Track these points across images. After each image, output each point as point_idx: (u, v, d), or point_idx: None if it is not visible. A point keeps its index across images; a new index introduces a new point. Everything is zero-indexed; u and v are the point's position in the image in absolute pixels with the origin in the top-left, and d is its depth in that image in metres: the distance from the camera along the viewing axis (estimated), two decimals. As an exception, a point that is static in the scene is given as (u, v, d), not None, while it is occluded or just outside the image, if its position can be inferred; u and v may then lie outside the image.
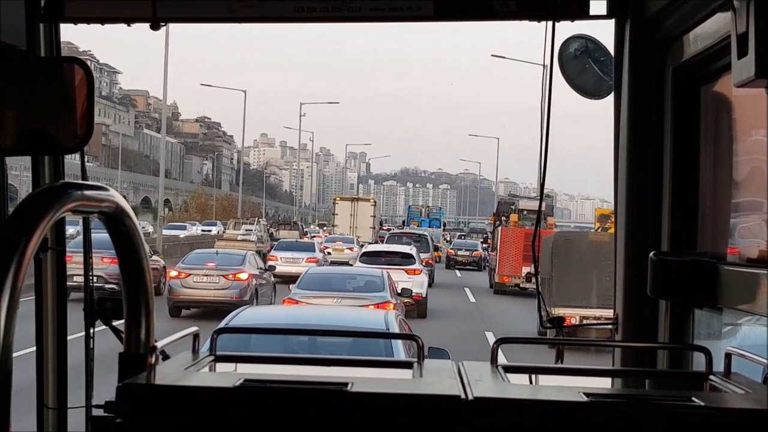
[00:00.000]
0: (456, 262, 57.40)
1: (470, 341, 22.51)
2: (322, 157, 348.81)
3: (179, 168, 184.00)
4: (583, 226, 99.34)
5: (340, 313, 13.49)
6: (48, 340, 3.54)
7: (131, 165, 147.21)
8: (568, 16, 3.43)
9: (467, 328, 26.17)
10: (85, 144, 2.89)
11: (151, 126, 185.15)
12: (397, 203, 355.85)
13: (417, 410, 2.29)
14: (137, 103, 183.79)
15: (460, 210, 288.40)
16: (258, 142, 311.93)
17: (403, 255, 32.76)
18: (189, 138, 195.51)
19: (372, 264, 29.35)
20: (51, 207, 1.92)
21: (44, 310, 3.54)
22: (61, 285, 3.54)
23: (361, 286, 22.00)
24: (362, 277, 22.88)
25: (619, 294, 3.56)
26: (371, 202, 68.48)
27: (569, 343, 3.09)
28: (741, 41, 2.42)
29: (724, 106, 3.28)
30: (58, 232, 3.52)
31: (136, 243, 2.49)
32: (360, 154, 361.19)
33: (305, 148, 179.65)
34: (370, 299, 20.35)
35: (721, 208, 3.31)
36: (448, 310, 31.08)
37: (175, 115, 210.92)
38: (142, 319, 2.56)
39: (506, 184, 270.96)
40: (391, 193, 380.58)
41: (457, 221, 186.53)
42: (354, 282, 22.50)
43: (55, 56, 3.45)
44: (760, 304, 2.74)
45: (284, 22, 3.50)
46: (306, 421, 2.29)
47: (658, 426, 2.24)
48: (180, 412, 2.31)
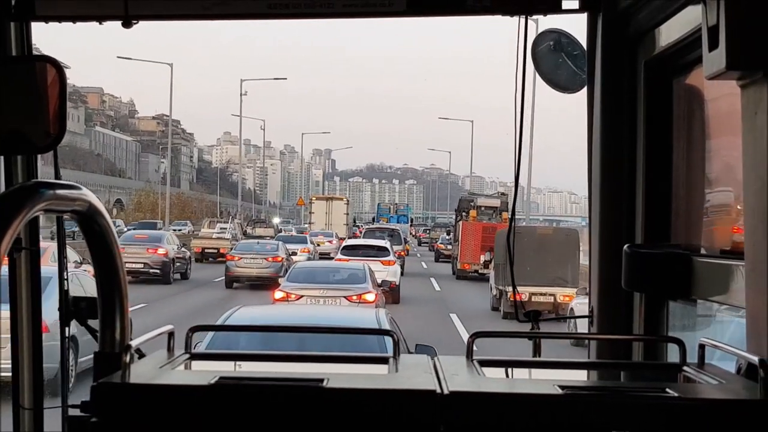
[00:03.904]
0: (445, 256, 59.05)
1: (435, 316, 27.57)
2: (287, 154, 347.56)
3: (135, 167, 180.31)
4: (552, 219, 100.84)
5: (332, 311, 14.69)
6: (23, 340, 3.52)
7: (80, 164, 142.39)
8: (540, 10, 3.44)
9: (435, 309, 30.72)
10: (58, 143, 2.88)
11: (105, 124, 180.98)
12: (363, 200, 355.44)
13: (393, 405, 2.29)
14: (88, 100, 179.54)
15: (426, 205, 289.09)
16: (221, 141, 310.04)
17: (379, 248, 37.60)
18: (146, 136, 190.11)
19: (351, 256, 34.42)
20: (23, 207, 1.92)
21: (18, 310, 3.51)
22: (35, 285, 3.52)
23: (344, 279, 24.04)
24: (345, 270, 25.23)
25: (593, 287, 3.57)
26: (344, 201, 77.53)
27: (545, 336, 3.11)
28: (712, 34, 2.44)
29: (696, 98, 3.31)
30: (31, 232, 3.49)
31: (109, 242, 2.48)
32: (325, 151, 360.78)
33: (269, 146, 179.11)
34: (353, 290, 22.52)
35: (694, 201, 3.33)
36: (418, 296, 35.39)
37: (131, 112, 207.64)
38: (117, 318, 2.55)
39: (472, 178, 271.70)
40: (357, 189, 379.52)
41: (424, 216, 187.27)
42: (338, 275, 24.66)
43: (26, 55, 3.43)
44: (733, 295, 2.77)
45: (257, 18, 3.49)
46: (282, 418, 2.28)
47: (632, 417, 2.25)
48: (155, 410, 2.29)
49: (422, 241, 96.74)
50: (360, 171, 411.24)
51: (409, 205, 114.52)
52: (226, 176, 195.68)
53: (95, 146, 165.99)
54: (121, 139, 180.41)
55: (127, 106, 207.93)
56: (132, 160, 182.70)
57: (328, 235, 63.59)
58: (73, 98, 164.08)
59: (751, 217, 2.45)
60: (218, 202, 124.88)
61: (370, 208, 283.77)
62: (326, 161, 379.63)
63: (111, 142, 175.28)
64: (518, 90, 3.59)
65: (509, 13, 3.44)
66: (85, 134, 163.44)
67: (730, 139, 2.87)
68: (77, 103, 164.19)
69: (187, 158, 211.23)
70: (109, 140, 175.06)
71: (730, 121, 2.83)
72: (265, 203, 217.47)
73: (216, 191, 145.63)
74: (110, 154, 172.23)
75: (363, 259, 31.69)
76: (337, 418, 2.28)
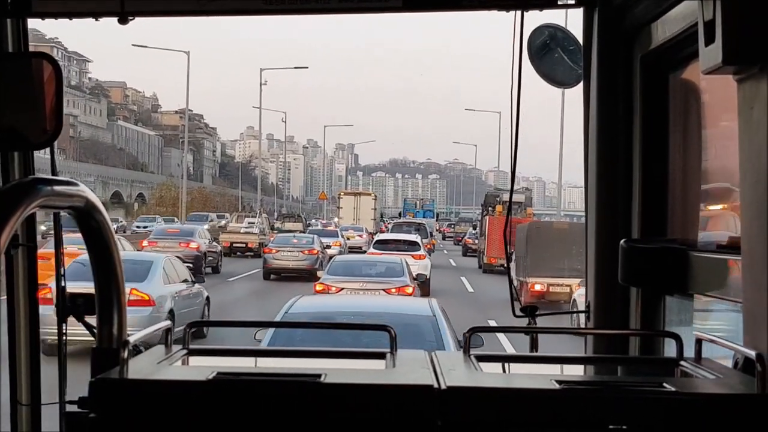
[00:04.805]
0: (472, 251, 59.23)
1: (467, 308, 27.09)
2: (310, 149, 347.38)
3: (157, 161, 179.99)
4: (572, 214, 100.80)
5: (388, 300, 15.20)
6: (21, 336, 3.52)
7: (102, 158, 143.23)
8: (536, 5, 3.43)
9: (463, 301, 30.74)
10: (54, 139, 2.88)
11: (128, 118, 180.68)
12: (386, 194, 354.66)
13: (390, 400, 2.30)
14: (111, 94, 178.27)
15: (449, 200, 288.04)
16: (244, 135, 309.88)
17: (410, 243, 38.36)
18: (169, 130, 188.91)
19: (383, 250, 35.28)
20: (20, 203, 1.93)
21: (16, 306, 3.52)
22: (32, 281, 3.52)
23: (383, 272, 24.28)
24: (383, 264, 25.51)
25: (590, 282, 3.57)
26: (372, 197, 78.60)
27: (542, 331, 3.11)
28: (708, 28, 2.44)
29: (692, 93, 3.30)
30: (29, 228, 3.50)
31: (106, 238, 2.49)
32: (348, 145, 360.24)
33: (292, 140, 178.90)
34: (392, 283, 22.70)
35: (690, 195, 3.33)
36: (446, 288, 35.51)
37: (154, 106, 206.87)
38: (114, 313, 2.57)
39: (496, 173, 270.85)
40: (380, 184, 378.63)
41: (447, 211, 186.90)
42: (375, 268, 24.90)
43: (23, 51, 3.43)
44: (729, 289, 2.77)
45: (253, 14, 3.50)
46: (280, 413, 2.29)
47: (629, 412, 2.25)
48: (153, 405, 2.31)
49: (446, 236, 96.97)
50: (383, 166, 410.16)
51: (434, 200, 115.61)
52: (248, 171, 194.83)
53: (117, 140, 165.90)
54: (143, 133, 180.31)
55: (150, 101, 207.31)
56: (155, 154, 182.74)
57: (357, 229, 64.57)
58: (96, 92, 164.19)
59: (748, 211, 2.45)
60: (240, 197, 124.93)
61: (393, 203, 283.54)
62: (349, 156, 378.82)
63: (133, 136, 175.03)
64: (514, 86, 3.59)
65: (505, 8, 3.43)
66: (107, 128, 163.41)
67: (726, 134, 2.87)
68: (99, 97, 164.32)
69: (210, 152, 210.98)
70: (132, 134, 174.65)
71: (726, 115, 2.83)
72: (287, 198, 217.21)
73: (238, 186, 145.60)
74: (133, 148, 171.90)
75: (394, 253, 32.64)
76: (335, 414, 2.29)
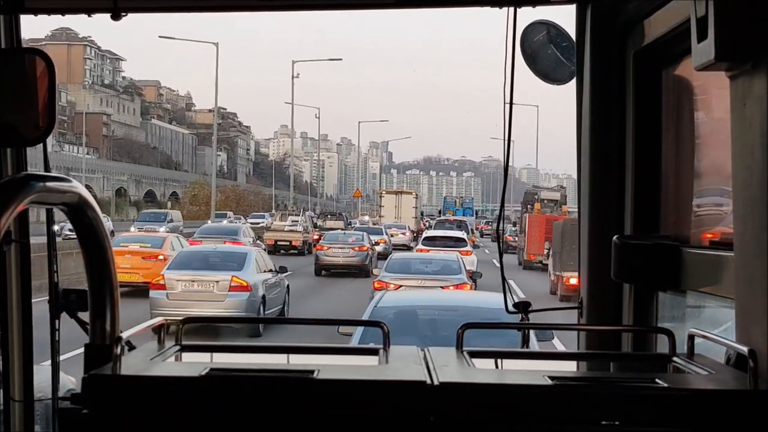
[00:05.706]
0: (512, 247, 59.58)
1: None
2: (344, 146, 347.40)
3: (191, 159, 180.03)
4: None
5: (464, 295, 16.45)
6: (13, 333, 3.54)
7: (136, 157, 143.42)
8: (530, 1, 3.43)
9: None
10: (47, 136, 2.90)
11: (162, 117, 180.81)
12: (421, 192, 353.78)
13: (383, 396, 2.31)
14: (145, 93, 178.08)
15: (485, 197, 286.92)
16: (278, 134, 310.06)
17: (457, 239, 40.43)
18: (203, 129, 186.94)
19: (431, 246, 36.92)
20: (13, 199, 1.94)
21: (9, 302, 3.54)
22: (25, 277, 3.53)
23: (439, 269, 24.32)
24: (439, 261, 25.54)
25: (583, 278, 3.57)
26: (413, 195, 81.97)
27: (534, 327, 3.11)
28: (701, 25, 2.44)
29: (685, 89, 3.29)
30: (21, 224, 3.51)
31: (99, 234, 2.50)
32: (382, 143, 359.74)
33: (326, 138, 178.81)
34: (450, 281, 22.67)
35: (683, 191, 3.31)
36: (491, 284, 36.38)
37: (188, 105, 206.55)
38: (107, 310, 2.57)
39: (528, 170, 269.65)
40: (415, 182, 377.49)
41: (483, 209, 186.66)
42: (431, 265, 24.95)
43: (16, 47, 3.44)
44: (722, 286, 2.76)
45: (249, 11, 3.51)
46: (272, 409, 2.30)
47: (622, 407, 2.25)
48: (146, 402, 2.32)
49: (484, 233, 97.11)
50: (417, 163, 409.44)
51: (473, 198, 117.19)
52: (282, 169, 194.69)
53: (151, 139, 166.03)
54: (177, 132, 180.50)
55: (184, 99, 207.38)
56: (188, 153, 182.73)
57: (400, 227, 67.07)
58: (129, 91, 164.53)
59: (741, 208, 2.45)
60: (273, 195, 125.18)
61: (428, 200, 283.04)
62: (383, 153, 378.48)
63: (167, 135, 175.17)
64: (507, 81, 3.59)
65: (498, 4, 3.43)
66: (141, 127, 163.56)
67: (719, 130, 2.86)
68: (133, 95, 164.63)
69: (244, 151, 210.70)
70: (165, 133, 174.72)
71: (719, 112, 2.82)
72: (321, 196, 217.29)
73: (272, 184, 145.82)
74: (166, 146, 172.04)
75: (442, 249, 33.80)
76: (328, 409, 2.30)
